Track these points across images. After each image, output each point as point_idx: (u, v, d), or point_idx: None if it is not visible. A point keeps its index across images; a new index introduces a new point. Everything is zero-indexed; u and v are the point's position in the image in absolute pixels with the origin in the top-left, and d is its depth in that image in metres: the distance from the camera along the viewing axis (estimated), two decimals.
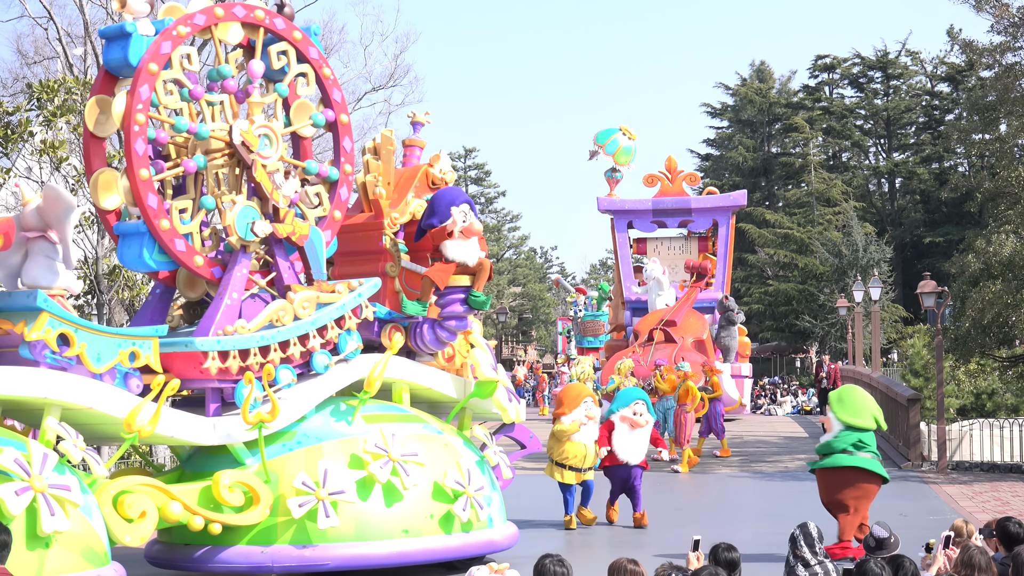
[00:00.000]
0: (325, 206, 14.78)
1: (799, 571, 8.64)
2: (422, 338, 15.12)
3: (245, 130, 13.88)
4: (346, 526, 13.22)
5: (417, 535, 13.58)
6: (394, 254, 15.33)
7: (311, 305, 13.96)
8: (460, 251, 14.83)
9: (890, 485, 23.27)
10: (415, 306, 14.89)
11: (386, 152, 15.60)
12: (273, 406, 12.81)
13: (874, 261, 61.26)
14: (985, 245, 27.14)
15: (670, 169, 38.95)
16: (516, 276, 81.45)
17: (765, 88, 76.98)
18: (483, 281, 15.00)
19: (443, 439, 14.45)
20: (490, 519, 14.40)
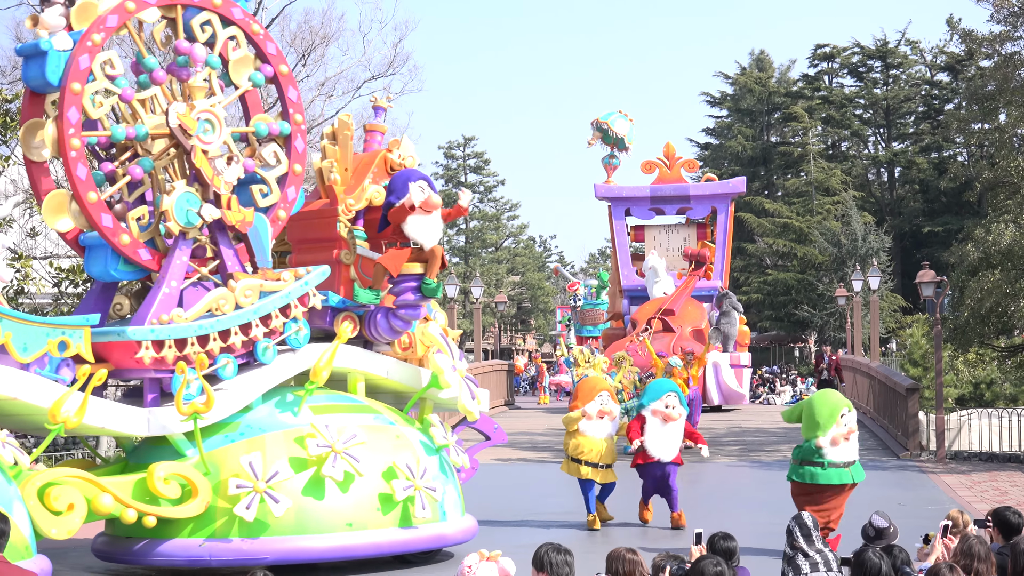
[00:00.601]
0: (283, 162, 14.46)
1: (799, 561, 8.64)
2: (376, 327, 14.74)
3: (182, 113, 13.43)
4: (287, 519, 12.97)
5: (362, 528, 13.29)
6: (349, 241, 14.92)
7: (254, 293, 13.65)
8: (421, 228, 14.30)
9: (889, 474, 23.38)
10: (368, 294, 14.58)
11: (343, 137, 15.22)
12: (208, 397, 12.54)
13: (873, 250, 61.24)
14: (984, 235, 27.12)
15: (668, 156, 38.49)
16: (515, 265, 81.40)
17: (764, 77, 76.89)
18: (435, 268, 14.52)
19: (395, 430, 14.13)
20: (443, 512, 14.10)
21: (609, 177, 39.33)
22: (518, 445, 28.16)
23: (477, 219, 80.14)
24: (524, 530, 16.68)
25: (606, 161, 39.67)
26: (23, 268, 20.41)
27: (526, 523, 17.35)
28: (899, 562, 8.55)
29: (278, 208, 14.51)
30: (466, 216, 79.81)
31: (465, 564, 7.57)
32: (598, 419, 16.97)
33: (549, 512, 18.34)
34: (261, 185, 14.43)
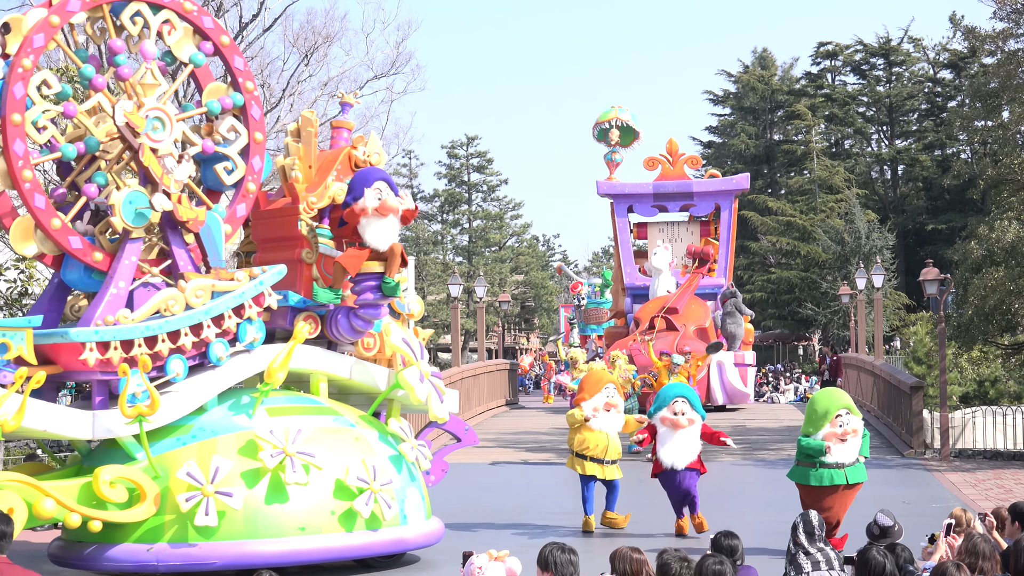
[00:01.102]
0: (243, 134, 14.26)
1: (800, 559, 8.64)
2: (337, 327, 14.48)
3: (130, 111, 13.20)
4: (236, 523, 12.76)
5: (315, 532, 13.06)
6: (311, 240, 14.65)
7: (205, 294, 13.40)
8: (375, 231, 13.97)
9: (893, 472, 23.38)
10: (327, 294, 14.38)
11: (306, 134, 14.93)
12: (152, 399, 12.34)
13: (876, 248, 61.14)
14: (988, 232, 27.10)
15: (671, 152, 38.10)
16: (519, 264, 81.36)
17: (767, 75, 76.79)
18: (395, 267, 14.25)
19: (354, 432, 13.91)
20: (403, 516, 13.85)
21: (611, 174, 38.98)
22: (519, 445, 28.17)
23: (480, 218, 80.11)
24: (509, 531, 16.65)
25: (608, 158, 39.34)
26: (27, 269, 20.41)
27: (514, 525, 17.28)
28: (902, 560, 8.56)
29: (246, 181, 14.34)
30: (469, 215, 79.97)
31: (475, 564, 7.57)
32: (604, 412, 16.74)
33: (543, 512, 18.32)
34: (225, 163, 14.24)
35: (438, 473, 15.83)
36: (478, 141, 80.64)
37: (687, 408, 15.97)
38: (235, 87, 14.37)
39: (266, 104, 31.00)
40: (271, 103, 31.17)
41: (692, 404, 16.06)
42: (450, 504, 19.79)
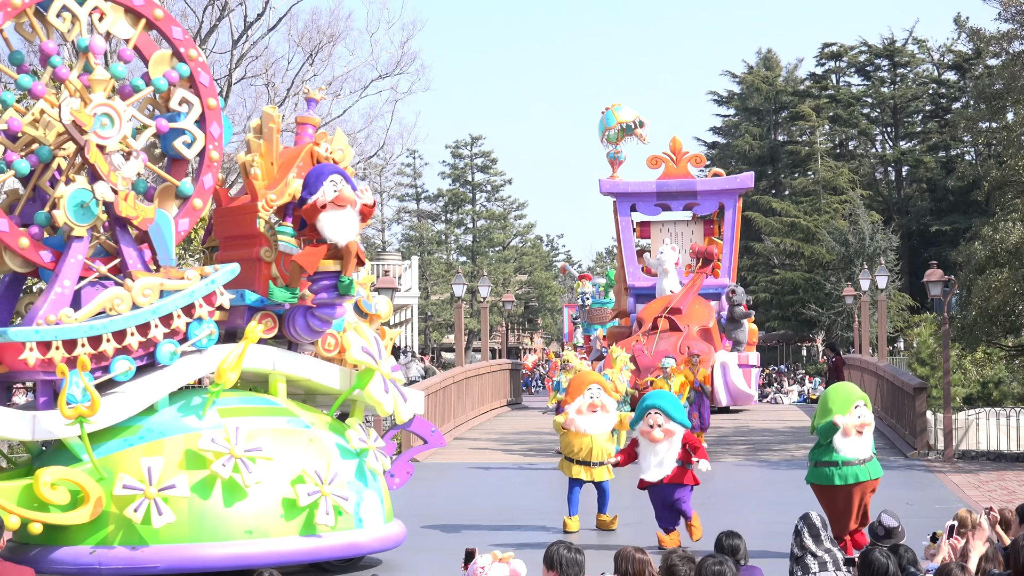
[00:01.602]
0: (195, 103, 14.02)
1: (807, 560, 8.63)
2: (295, 327, 14.15)
3: (76, 109, 12.96)
4: (180, 526, 12.52)
5: (263, 536, 12.77)
6: (270, 238, 14.30)
7: (153, 293, 13.16)
8: (334, 224, 13.61)
9: (897, 474, 23.35)
10: (282, 293, 14.01)
11: (268, 130, 14.60)
12: (93, 400, 12.12)
13: (880, 250, 61.16)
14: (992, 233, 27.06)
15: (675, 150, 37.43)
16: (522, 264, 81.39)
17: (772, 76, 76.81)
18: (351, 265, 13.87)
19: (309, 434, 13.62)
20: (358, 519, 13.54)
21: (614, 172, 38.53)
22: (519, 444, 28.16)
23: (484, 218, 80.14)
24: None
25: (611, 156, 38.94)
26: None
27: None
28: (905, 561, 8.55)
29: (208, 150, 14.18)
30: (473, 215, 79.98)
31: (478, 564, 7.57)
32: (589, 413, 16.44)
33: (536, 513, 18.30)
34: (183, 136, 14.05)
35: (403, 475, 15.44)
36: (482, 141, 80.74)
37: (662, 419, 14.88)
38: (178, 57, 14.08)
39: (270, 103, 31.02)
40: (275, 102, 31.18)
41: (670, 414, 14.94)
42: (439, 504, 19.85)
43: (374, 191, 77.28)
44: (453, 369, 33.58)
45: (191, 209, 14.29)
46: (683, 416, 15.09)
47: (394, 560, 14.48)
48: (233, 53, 29.77)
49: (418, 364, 36.27)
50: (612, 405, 16.88)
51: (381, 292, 28.71)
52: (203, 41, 28.93)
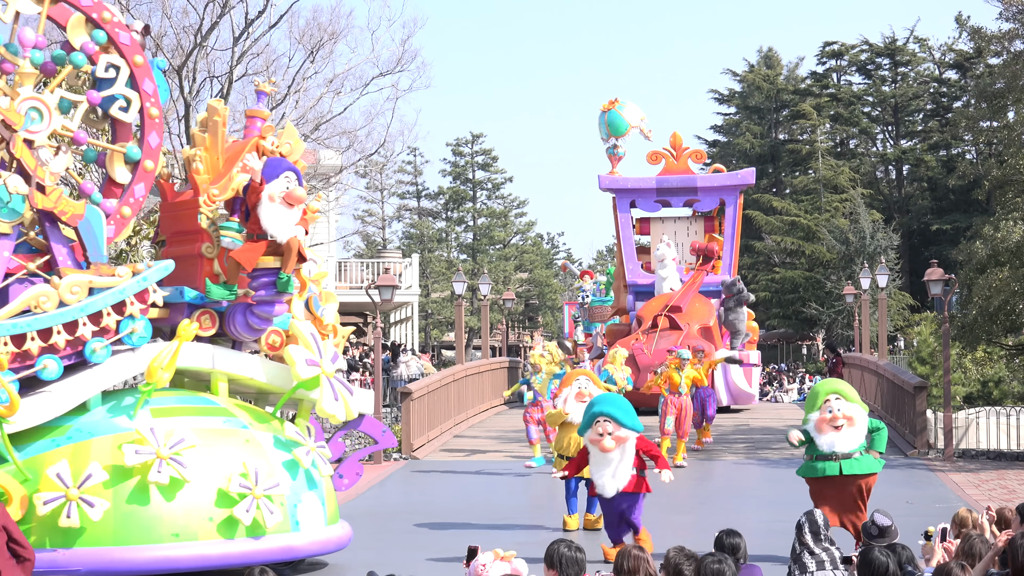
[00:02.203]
0: (121, 65, 13.73)
1: (805, 558, 8.65)
2: (235, 325, 13.92)
3: (5, 108, 12.79)
4: (104, 528, 12.28)
5: (190, 539, 12.49)
6: (212, 234, 14.00)
7: (82, 290, 12.90)
8: (274, 219, 13.40)
9: (896, 472, 23.37)
10: (220, 290, 13.74)
11: (213, 124, 14.31)
12: (11, 400, 11.92)
13: (881, 248, 61.15)
14: (992, 232, 27.07)
15: (675, 146, 37.01)
16: (523, 262, 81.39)
17: (772, 75, 76.80)
18: (291, 262, 13.55)
19: (246, 434, 13.33)
20: (295, 522, 13.23)
21: (614, 168, 37.96)
22: (518, 442, 28.16)
23: (485, 216, 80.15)
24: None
25: (611, 152, 38.51)
26: None
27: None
28: (903, 559, 8.56)
29: (147, 109, 13.91)
30: (474, 213, 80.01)
31: (479, 562, 7.59)
32: (576, 402, 16.15)
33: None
34: (119, 101, 13.81)
35: (352, 477, 15.16)
36: (483, 139, 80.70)
37: (612, 427, 13.73)
38: (93, 24, 13.75)
39: (271, 101, 31.01)
40: (276, 100, 31.17)
41: (620, 420, 13.79)
42: (439, 502, 19.86)
43: (375, 189, 77.42)
44: (453, 367, 33.58)
45: (144, 172, 14.01)
46: (634, 421, 13.93)
47: (394, 560, 14.47)
48: (234, 50, 29.78)
49: (417, 362, 36.25)
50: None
51: (382, 290, 28.71)
52: (204, 38, 28.92)
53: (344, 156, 35.80)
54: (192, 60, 28.55)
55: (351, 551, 14.68)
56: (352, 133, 34.34)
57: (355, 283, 45.63)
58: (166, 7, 30.04)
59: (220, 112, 14.35)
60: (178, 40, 29.90)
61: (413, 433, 26.77)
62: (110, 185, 14.14)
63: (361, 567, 13.88)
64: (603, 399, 14.33)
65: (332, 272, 45.62)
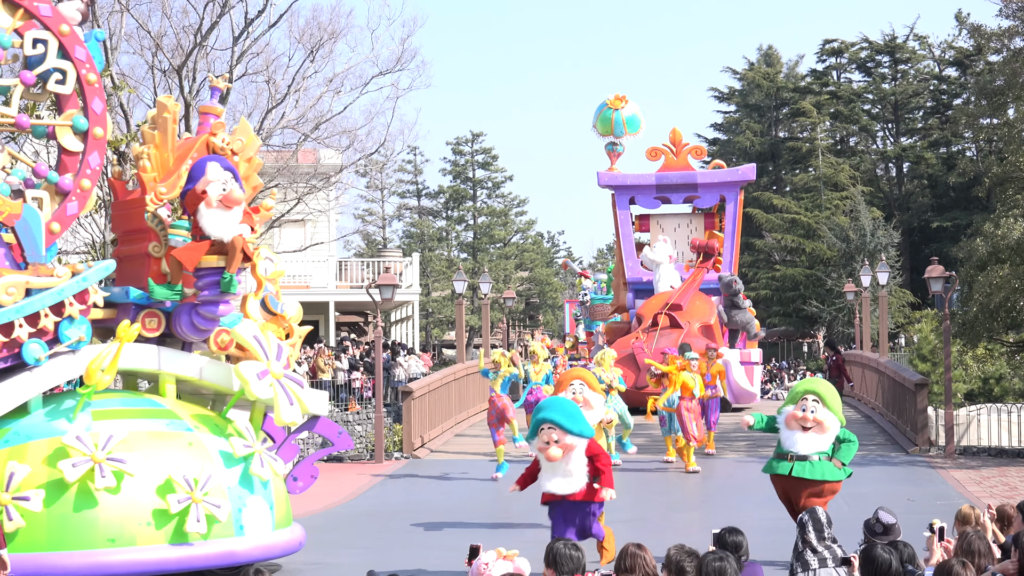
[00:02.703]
0: (50, 39, 13.41)
1: (807, 556, 8.64)
2: (181, 325, 13.63)
3: None
4: (37, 534, 12.02)
5: (127, 544, 12.23)
6: (159, 233, 13.68)
7: (18, 290, 12.63)
8: (216, 219, 13.15)
9: (898, 470, 23.38)
10: (163, 290, 13.44)
11: (162, 120, 14.01)
12: None
13: (881, 246, 61.15)
14: (993, 229, 27.08)
15: (675, 142, 36.74)
16: (523, 261, 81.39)
17: (772, 72, 76.80)
18: (235, 261, 13.30)
19: (189, 437, 13.02)
20: (239, 527, 12.93)
21: (613, 164, 37.80)
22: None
23: (485, 215, 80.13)
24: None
25: (610, 148, 38.25)
26: None
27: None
28: (905, 557, 8.55)
29: (84, 75, 13.53)
30: (474, 212, 79.99)
31: (482, 561, 7.59)
32: None
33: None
34: (55, 75, 13.48)
35: (306, 479, 14.90)
36: (483, 138, 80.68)
37: (558, 434, 12.62)
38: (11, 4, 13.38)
39: (271, 100, 31.05)
40: (276, 99, 31.18)
41: (566, 427, 12.66)
42: (439, 501, 19.86)
43: (375, 188, 77.40)
44: (454, 366, 33.57)
45: (95, 140, 13.70)
46: (582, 426, 12.85)
47: (395, 559, 14.48)
48: (234, 50, 29.76)
49: (418, 361, 36.23)
50: (597, 400, 16.46)
51: (382, 289, 28.69)
52: (204, 38, 28.92)
53: (344, 155, 35.80)
54: (192, 60, 28.52)
55: (351, 550, 14.68)
56: (352, 132, 34.34)
57: (356, 282, 45.61)
58: (166, 7, 30.03)
59: (170, 108, 14.06)
60: (178, 40, 29.89)
61: (414, 432, 26.77)
62: (64, 160, 13.74)
63: (362, 566, 13.89)
64: (549, 404, 13.12)
65: (333, 271, 45.61)
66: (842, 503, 17.00)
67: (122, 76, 26.95)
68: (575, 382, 16.35)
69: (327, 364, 32.95)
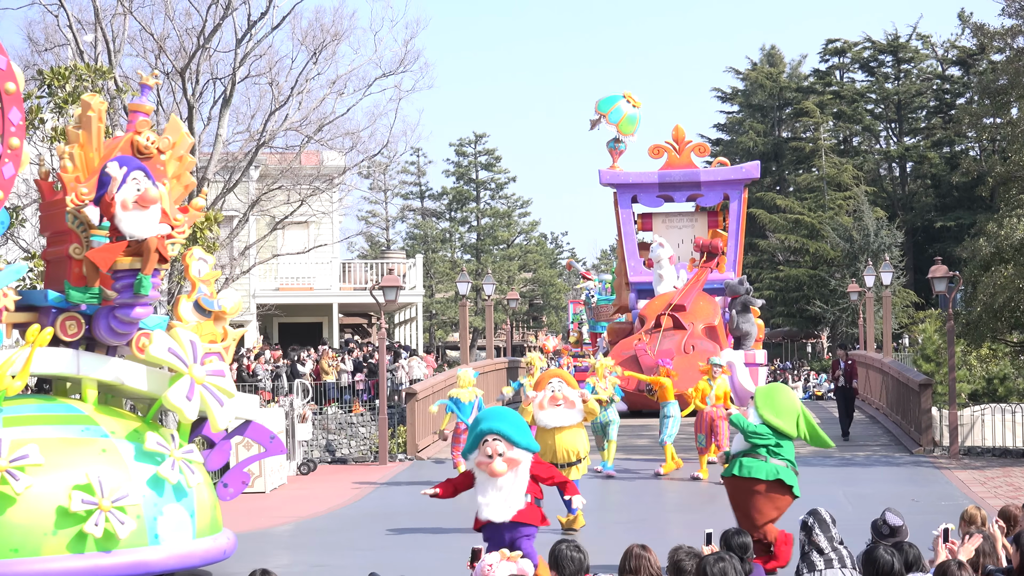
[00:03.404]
0: None
1: (813, 557, 8.61)
2: (99, 329, 13.28)
3: None
4: None
5: (31, 554, 11.87)
6: (80, 234, 13.30)
7: None
8: (133, 222, 12.88)
9: (902, 470, 23.35)
10: (77, 293, 13.10)
11: (87, 119, 13.64)
12: None
13: (885, 246, 61.08)
14: (996, 229, 27.05)
15: (677, 139, 36.50)
16: (527, 262, 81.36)
17: (775, 72, 76.76)
18: (150, 263, 13.00)
19: (104, 444, 12.63)
20: (153, 536, 12.52)
21: (615, 162, 37.64)
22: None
23: (489, 216, 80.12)
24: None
25: (611, 146, 37.90)
26: (36, 267, 20.45)
27: None
28: (911, 557, 8.51)
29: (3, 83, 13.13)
30: (477, 213, 79.96)
31: (485, 563, 7.58)
32: (551, 407, 15.87)
33: None
34: None
35: (237, 485, 14.58)
36: (486, 139, 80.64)
37: (503, 446, 11.26)
38: None
39: (274, 102, 31.01)
40: (279, 101, 31.16)
41: (512, 439, 11.34)
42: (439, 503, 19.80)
43: (378, 190, 77.41)
44: (453, 368, 33.55)
45: (8, 96, 13.18)
46: (528, 439, 11.53)
47: (397, 561, 14.46)
48: (237, 52, 29.73)
49: (420, 363, 36.22)
50: (575, 397, 16.16)
51: (386, 290, 28.68)
52: (207, 40, 28.89)
53: (347, 157, 35.75)
54: (195, 62, 28.51)
55: (354, 552, 14.67)
56: (355, 134, 34.28)
57: (359, 284, 45.60)
58: (169, 9, 30.01)
59: (94, 107, 13.71)
60: (181, 42, 29.86)
61: (417, 434, 26.76)
62: None
63: (365, 568, 13.88)
64: (491, 414, 11.72)
65: (336, 273, 45.61)
66: (846, 503, 17.03)
67: (125, 79, 26.88)
68: (554, 380, 16.10)
69: (331, 366, 32.94)
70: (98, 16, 26.58)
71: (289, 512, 20.19)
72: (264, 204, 32.07)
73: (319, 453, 27.75)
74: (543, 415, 16.04)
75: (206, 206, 16.66)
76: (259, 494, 22.27)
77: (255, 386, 30.38)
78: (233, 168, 30.12)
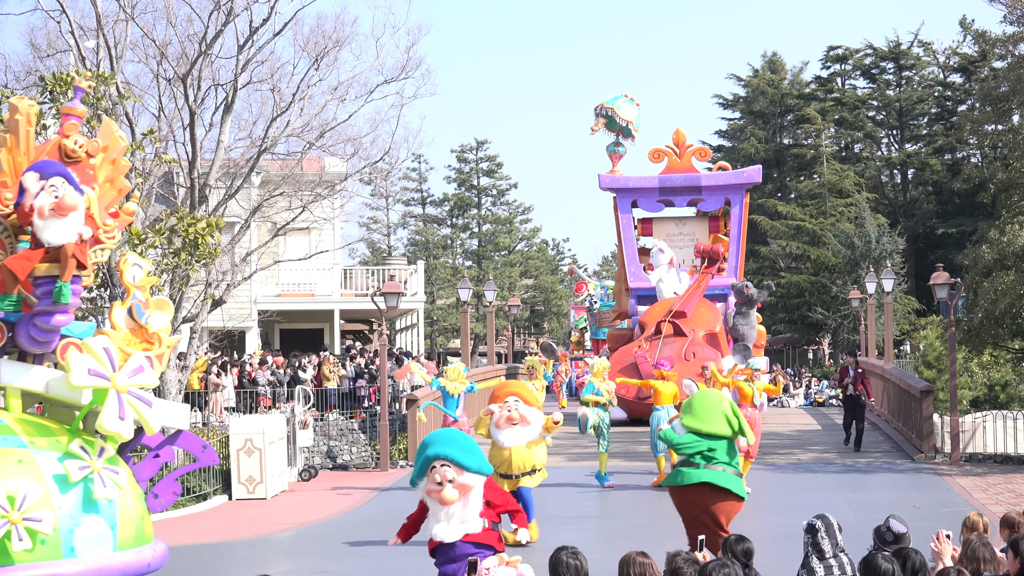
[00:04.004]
0: None
1: (813, 562, 8.60)
2: (20, 337, 12.88)
3: None
4: None
5: None
6: (5, 240, 12.95)
7: None
8: (53, 230, 12.47)
9: (904, 477, 23.33)
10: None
11: (13, 122, 13.17)
12: None
13: (887, 252, 61.08)
14: (998, 236, 27.06)
15: (678, 143, 36.08)
16: (528, 268, 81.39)
17: (777, 79, 76.79)
18: (68, 270, 12.60)
19: (20, 454, 12.23)
20: (69, 549, 12.09)
21: (614, 167, 37.36)
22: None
23: (490, 222, 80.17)
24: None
25: (611, 150, 37.59)
26: None
27: None
28: (916, 564, 8.47)
29: None
30: (479, 219, 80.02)
31: (483, 567, 7.59)
32: (507, 426, 15.99)
33: None
34: None
35: (168, 496, 14.01)
36: (487, 145, 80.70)
37: (452, 472, 10.50)
38: None
39: (276, 109, 31.03)
40: (281, 107, 31.18)
41: (462, 463, 10.57)
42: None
43: (380, 196, 77.52)
44: None
45: None
46: (480, 462, 10.71)
47: (397, 568, 14.45)
48: (239, 58, 29.75)
49: (421, 369, 36.24)
50: (534, 415, 16.21)
51: (387, 297, 28.70)
52: (209, 46, 28.92)
53: (349, 163, 35.78)
54: (197, 68, 28.53)
55: (355, 559, 14.66)
56: (357, 140, 34.30)
57: (360, 290, 45.64)
58: (171, 16, 30.03)
59: (22, 110, 13.20)
60: (183, 48, 29.88)
61: (418, 440, 26.73)
62: None
63: (366, 574, 13.87)
64: (438, 437, 10.97)
65: (338, 279, 45.63)
66: (848, 510, 17.02)
67: (127, 85, 26.93)
68: (510, 398, 16.06)
69: (332, 372, 32.94)
70: (100, 22, 26.60)
71: (290, 518, 20.18)
72: (265, 210, 32.08)
73: (320, 459, 27.74)
74: (499, 435, 16.12)
75: (138, 211, 16.35)
76: (260, 500, 22.27)
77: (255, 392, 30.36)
78: (235, 174, 30.13)
